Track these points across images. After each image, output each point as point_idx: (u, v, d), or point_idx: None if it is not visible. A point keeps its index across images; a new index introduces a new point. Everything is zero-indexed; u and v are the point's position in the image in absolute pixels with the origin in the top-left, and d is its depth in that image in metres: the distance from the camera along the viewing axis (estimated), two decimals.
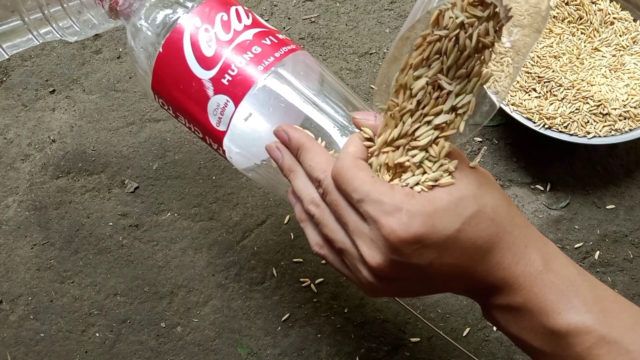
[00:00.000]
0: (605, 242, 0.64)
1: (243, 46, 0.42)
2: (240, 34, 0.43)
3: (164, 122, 0.71)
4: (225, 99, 0.42)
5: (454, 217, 0.32)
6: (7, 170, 0.70)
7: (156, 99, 0.47)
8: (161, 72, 0.44)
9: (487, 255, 0.33)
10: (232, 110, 0.41)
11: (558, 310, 0.32)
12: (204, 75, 0.42)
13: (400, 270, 0.33)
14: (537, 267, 0.33)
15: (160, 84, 0.45)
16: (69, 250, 0.66)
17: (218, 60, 0.42)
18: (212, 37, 0.42)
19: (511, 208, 0.34)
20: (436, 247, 0.32)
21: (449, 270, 0.33)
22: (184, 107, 0.44)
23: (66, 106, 0.72)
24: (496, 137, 0.69)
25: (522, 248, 0.33)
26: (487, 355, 0.60)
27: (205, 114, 0.43)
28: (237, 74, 0.41)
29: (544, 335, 0.33)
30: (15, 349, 0.62)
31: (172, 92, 0.44)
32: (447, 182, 0.33)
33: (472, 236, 0.32)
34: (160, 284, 0.64)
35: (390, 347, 0.61)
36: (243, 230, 0.66)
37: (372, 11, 0.76)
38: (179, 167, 0.69)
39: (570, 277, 0.33)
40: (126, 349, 0.62)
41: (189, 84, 0.43)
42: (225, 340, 0.62)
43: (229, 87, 0.41)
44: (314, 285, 0.63)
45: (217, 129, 0.43)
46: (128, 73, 0.74)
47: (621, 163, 0.68)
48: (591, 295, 0.33)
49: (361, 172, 0.33)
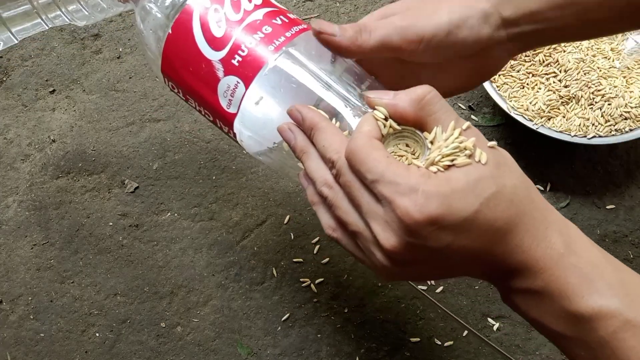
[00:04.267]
0: (605, 242, 0.64)
1: (253, 26, 0.41)
2: (251, 14, 0.42)
3: (164, 122, 0.71)
4: (236, 80, 0.41)
5: (472, 198, 0.31)
6: (7, 170, 0.70)
7: (166, 82, 0.46)
8: (171, 54, 0.43)
9: (505, 237, 0.32)
10: (243, 91, 0.41)
11: (581, 294, 0.31)
12: (214, 57, 0.41)
13: (416, 253, 0.32)
14: (559, 250, 0.32)
15: (169, 66, 0.44)
16: (69, 250, 0.66)
17: (228, 41, 0.41)
18: (222, 17, 0.41)
19: (531, 190, 0.34)
20: (453, 229, 0.31)
21: (467, 253, 0.32)
22: (194, 89, 0.43)
23: (66, 106, 0.72)
24: (496, 137, 0.69)
25: (542, 230, 0.33)
26: (487, 355, 0.60)
27: (215, 96, 0.42)
28: (247, 54, 0.40)
29: (566, 320, 0.32)
30: (15, 349, 0.62)
31: (182, 74, 0.43)
32: (464, 162, 0.32)
33: (491, 217, 0.32)
34: (160, 284, 0.64)
35: (390, 347, 0.61)
36: (243, 230, 0.66)
37: (372, 11, 0.76)
38: (179, 167, 0.69)
39: (593, 259, 0.33)
40: (126, 349, 0.62)
41: (198, 65, 0.42)
42: (225, 340, 0.62)
43: (239, 68, 0.41)
44: (314, 285, 0.63)
45: (228, 111, 0.42)
46: (128, 73, 0.74)
47: (621, 163, 0.68)
48: (616, 279, 0.32)
49: (375, 152, 0.32)
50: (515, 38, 0.41)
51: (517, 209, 0.32)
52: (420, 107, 0.34)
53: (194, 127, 0.70)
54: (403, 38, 0.39)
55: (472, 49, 0.40)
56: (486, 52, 0.41)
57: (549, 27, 0.40)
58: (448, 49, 0.39)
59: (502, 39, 0.41)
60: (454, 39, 0.39)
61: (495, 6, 0.40)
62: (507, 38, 0.41)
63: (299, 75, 0.41)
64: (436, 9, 0.39)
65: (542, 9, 0.40)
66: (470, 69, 0.42)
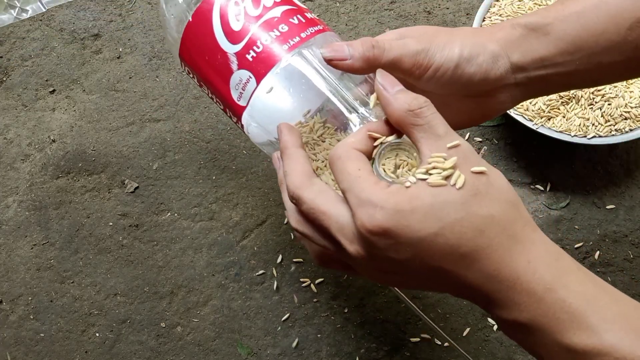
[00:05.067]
0: (605, 242, 0.64)
1: (270, 23, 0.42)
2: (269, 10, 0.42)
3: (164, 122, 0.71)
4: (248, 75, 0.42)
5: (433, 220, 0.31)
6: (7, 170, 0.70)
7: (182, 66, 0.47)
8: (189, 41, 0.44)
9: (474, 264, 0.32)
10: (254, 86, 0.42)
11: (572, 330, 0.30)
12: (230, 49, 0.42)
13: (382, 263, 0.33)
14: (544, 285, 0.31)
15: (187, 52, 0.45)
16: (69, 250, 0.66)
17: (245, 35, 0.42)
18: (241, 11, 0.42)
19: (514, 223, 0.33)
20: (411, 246, 0.32)
21: (431, 271, 0.33)
22: (208, 77, 0.44)
23: (66, 106, 0.72)
24: (496, 137, 0.69)
25: (524, 264, 0.32)
26: (487, 355, 0.60)
27: (227, 87, 0.43)
28: (261, 51, 0.41)
29: (560, 352, 0.31)
30: (15, 349, 0.62)
31: (198, 61, 0.44)
32: (436, 183, 0.32)
33: (454, 243, 0.31)
34: (160, 284, 0.64)
35: (390, 347, 0.61)
36: (243, 230, 0.66)
37: (372, 11, 0.76)
38: (179, 167, 0.69)
39: (587, 292, 0.31)
40: (126, 349, 0.62)
41: (214, 55, 0.43)
42: (225, 340, 0.62)
43: (252, 63, 0.41)
44: (314, 285, 0.63)
45: (238, 104, 0.43)
46: (128, 73, 0.74)
47: (621, 163, 0.68)
48: (612, 312, 0.31)
49: (350, 164, 0.34)
50: (522, 83, 0.41)
51: (491, 240, 0.32)
52: (414, 114, 0.34)
53: (194, 127, 0.70)
54: (413, 62, 0.39)
55: (478, 87, 0.41)
56: (491, 93, 0.41)
57: (558, 72, 0.41)
58: (455, 82, 0.40)
59: (509, 82, 0.41)
60: (461, 73, 0.40)
61: (505, 49, 0.40)
62: (514, 83, 0.41)
63: (309, 77, 0.41)
64: (449, 40, 0.40)
65: (551, 55, 0.40)
66: (473, 108, 0.43)
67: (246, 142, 0.70)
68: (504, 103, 0.43)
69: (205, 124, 0.70)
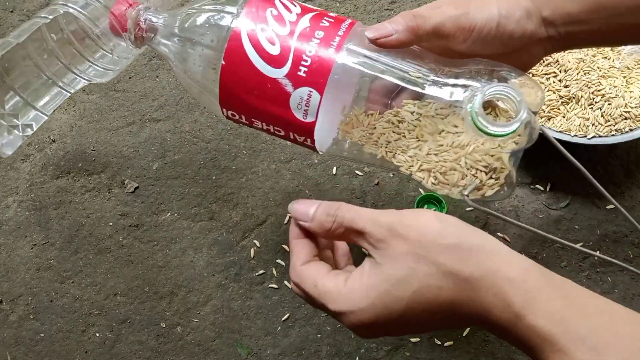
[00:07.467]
0: (605, 242, 0.64)
1: (306, 34, 0.41)
2: (297, 23, 0.42)
3: (164, 122, 0.71)
4: (308, 90, 0.41)
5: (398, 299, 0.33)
6: (7, 170, 0.70)
7: (224, 112, 0.45)
8: (229, 84, 0.43)
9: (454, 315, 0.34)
10: (318, 98, 0.41)
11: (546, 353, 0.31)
12: (277, 74, 0.41)
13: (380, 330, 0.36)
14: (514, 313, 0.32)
15: (230, 95, 0.43)
16: (69, 250, 0.66)
17: (287, 55, 0.41)
18: (272, 34, 0.41)
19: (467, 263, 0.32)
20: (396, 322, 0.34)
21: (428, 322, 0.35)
22: (262, 110, 0.43)
23: (66, 106, 0.72)
24: None
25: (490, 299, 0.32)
26: (487, 355, 0.60)
27: (288, 111, 0.42)
28: (311, 63, 0.41)
29: None
30: (15, 349, 0.62)
31: (246, 99, 0.43)
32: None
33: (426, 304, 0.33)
34: (160, 284, 0.64)
35: (390, 347, 0.61)
36: (243, 230, 0.66)
37: (372, 11, 0.76)
38: (179, 167, 0.69)
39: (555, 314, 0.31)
40: (126, 349, 0.62)
41: (263, 87, 0.42)
42: (225, 340, 0.62)
43: (307, 77, 0.41)
44: None
45: (305, 121, 0.42)
46: (128, 73, 0.74)
47: (621, 163, 0.68)
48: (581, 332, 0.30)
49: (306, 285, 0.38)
50: (553, 37, 0.43)
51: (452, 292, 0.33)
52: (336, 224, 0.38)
53: (194, 127, 0.70)
54: (456, 26, 0.41)
55: (517, 43, 0.42)
56: (527, 47, 0.43)
57: (583, 29, 0.42)
58: (496, 40, 0.41)
59: (542, 36, 0.43)
60: (503, 31, 0.41)
61: (536, 5, 0.42)
62: (546, 37, 0.43)
63: (366, 68, 0.41)
64: (485, 2, 0.41)
65: (576, 12, 0.42)
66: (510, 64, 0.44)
67: (246, 142, 0.70)
68: (537, 56, 0.44)
69: (205, 124, 0.70)
